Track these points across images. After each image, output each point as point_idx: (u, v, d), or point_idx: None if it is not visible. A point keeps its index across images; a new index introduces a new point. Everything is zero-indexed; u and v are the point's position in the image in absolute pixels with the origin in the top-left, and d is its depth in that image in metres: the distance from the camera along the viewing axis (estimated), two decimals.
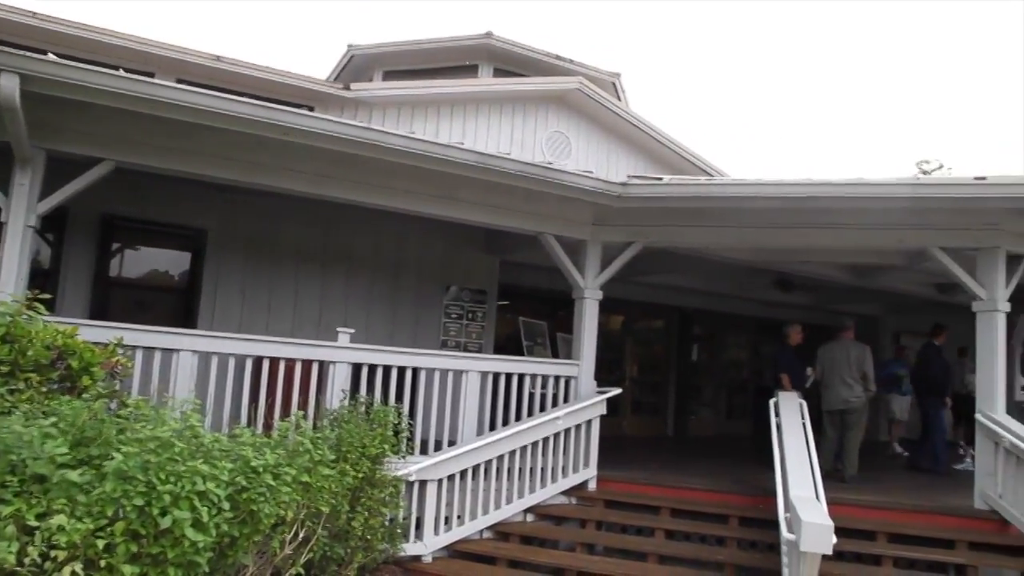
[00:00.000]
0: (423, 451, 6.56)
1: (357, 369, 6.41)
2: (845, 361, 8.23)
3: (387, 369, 6.50)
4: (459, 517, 6.56)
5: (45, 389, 4.06)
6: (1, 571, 2.94)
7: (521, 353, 10.29)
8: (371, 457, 5.23)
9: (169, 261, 8.30)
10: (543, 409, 7.34)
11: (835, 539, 4.65)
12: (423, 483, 6.25)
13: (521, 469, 6.98)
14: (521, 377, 7.29)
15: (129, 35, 9.22)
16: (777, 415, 7.18)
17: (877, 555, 6.23)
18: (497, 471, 6.81)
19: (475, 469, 6.66)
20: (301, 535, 4.33)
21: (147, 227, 7.97)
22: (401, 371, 6.58)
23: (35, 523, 3.08)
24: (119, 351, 4.79)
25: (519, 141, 11.10)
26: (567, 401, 7.49)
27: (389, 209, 6.98)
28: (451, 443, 6.78)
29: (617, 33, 57.95)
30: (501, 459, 6.82)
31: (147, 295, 8.16)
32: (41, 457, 3.17)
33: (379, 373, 6.43)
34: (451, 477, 6.47)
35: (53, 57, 5.03)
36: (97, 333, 5.02)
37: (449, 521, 6.49)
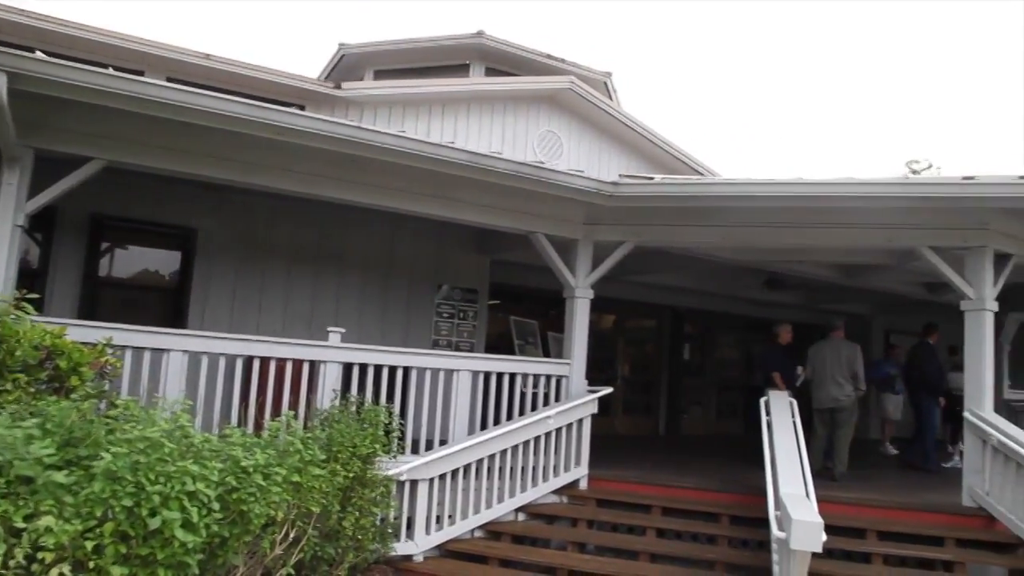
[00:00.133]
0: (414, 450, 6.55)
1: (348, 369, 6.39)
2: (835, 360, 8.26)
3: (378, 368, 6.49)
4: (450, 516, 6.56)
5: (33, 389, 4.04)
6: None
7: (512, 352, 10.30)
8: (362, 457, 5.23)
9: (159, 261, 8.26)
10: (534, 408, 7.34)
11: (825, 537, 4.66)
12: (414, 482, 6.24)
13: (512, 468, 6.98)
14: (512, 376, 7.29)
15: (119, 33, 9.17)
16: (768, 414, 7.21)
17: (867, 552, 6.26)
18: (488, 470, 6.81)
19: (466, 468, 6.66)
20: (292, 535, 4.32)
21: (137, 226, 7.93)
22: (392, 370, 6.57)
23: (22, 525, 3.06)
24: (108, 351, 4.77)
25: (511, 140, 11.10)
26: (558, 400, 7.50)
27: (380, 208, 6.98)
28: (442, 442, 6.77)
29: (609, 33, 58.04)
30: (492, 458, 6.83)
31: (137, 295, 8.12)
32: (27, 458, 3.15)
33: (370, 372, 6.43)
34: (442, 476, 6.47)
35: (41, 55, 4.99)
36: (86, 333, 5.00)
37: (440, 520, 6.49)
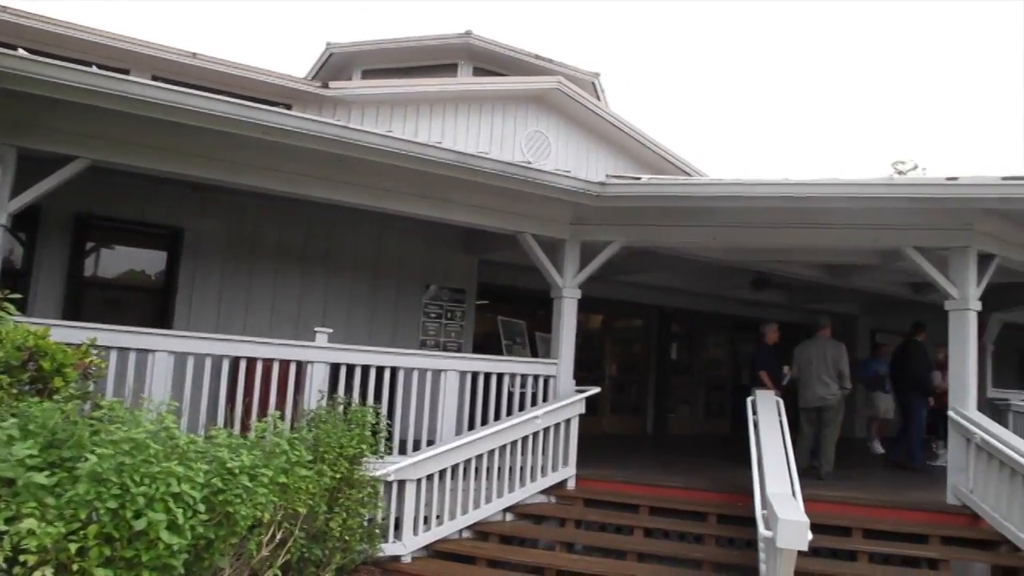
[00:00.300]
0: (402, 451, 6.54)
1: (336, 369, 6.37)
2: (822, 359, 8.30)
3: (365, 369, 6.47)
4: (438, 517, 6.55)
5: (15, 391, 3.99)
6: None
7: (500, 352, 10.29)
8: (349, 457, 5.21)
9: (145, 260, 8.20)
10: (522, 408, 7.34)
11: (811, 535, 4.68)
12: (402, 483, 6.23)
13: (500, 468, 6.98)
14: (500, 376, 7.29)
15: (104, 31, 9.10)
16: (754, 413, 7.24)
17: (852, 550, 6.31)
18: (476, 470, 6.81)
19: (454, 468, 6.65)
20: (278, 536, 4.30)
21: (122, 226, 7.87)
22: (380, 371, 6.55)
23: (3, 527, 3.03)
24: (93, 352, 4.72)
25: (498, 140, 11.10)
26: (546, 400, 7.51)
27: (368, 208, 6.96)
28: (430, 443, 6.76)
29: (597, 33, 58.14)
30: (480, 458, 6.82)
31: (122, 295, 8.05)
32: (8, 460, 3.12)
33: (357, 373, 6.41)
34: (430, 477, 6.45)
35: (23, 52, 4.94)
36: (70, 334, 4.95)
37: (428, 521, 6.48)
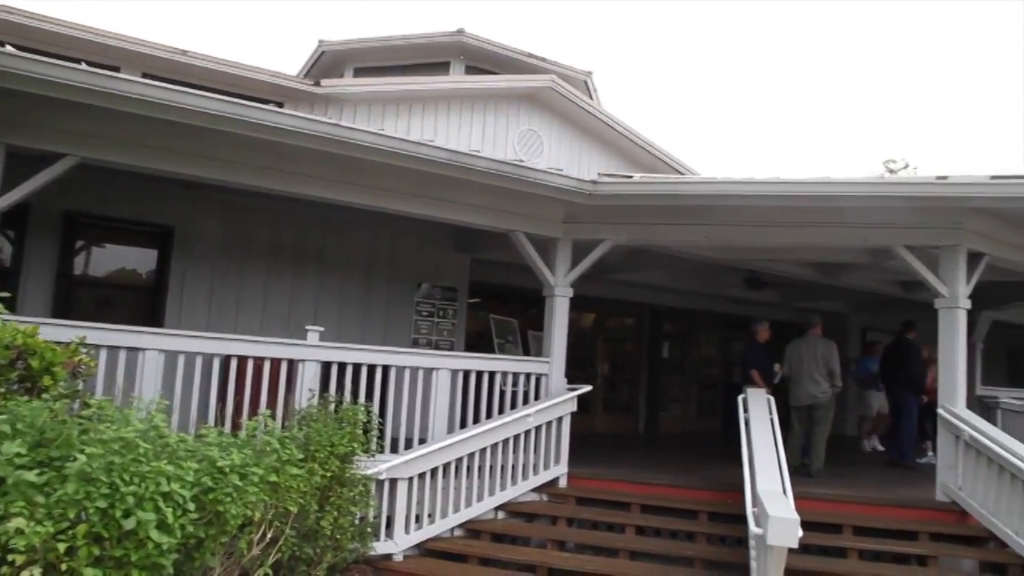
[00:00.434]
0: (394, 449, 6.54)
1: (327, 367, 6.36)
2: (812, 357, 8.33)
3: (357, 367, 6.46)
4: (430, 515, 6.54)
5: (3, 390, 3.97)
6: None
7: (492, 351, 10.29)
8: (340, 456, 5.19)
9: (135, 259, 8.17)
10: (514, 406, 7.35)
11: (801, 533, 4.71)
12: (393, 481, 6.22)
13: (492, 466, 6.98)
14: (492, 375, 7.29)
15: (94, 28, 9.06)
16: (745, 411, 7.25)
17: (843, 547, 6.33)
18: (468, 469, 6.81)
19: (446, 467, 6.65)
20: (269, 535, 4.28)
21: (112, 224, 7.83)
22: (371, 369, 6.55)
23: None
24: (82, 350, 4.69)
25: (491, 139, 11.09)
26: (538, 398, 7.51)
27: (359, 207, 6.94)
28: (422, 441, 6.76)
29: (589, 32, 58.17)
30: (472, 456, 6.82)
31: (113, 293, 8.02)
32: None
33: (349, 371, 6.40)
34: (422, 475, 6.45)
35: (11, 49, 4.92)
36: (59, 332, 4.92)
37: (420, 519, 6.47)
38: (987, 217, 7.07)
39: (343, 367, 6.40)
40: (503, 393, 7.35)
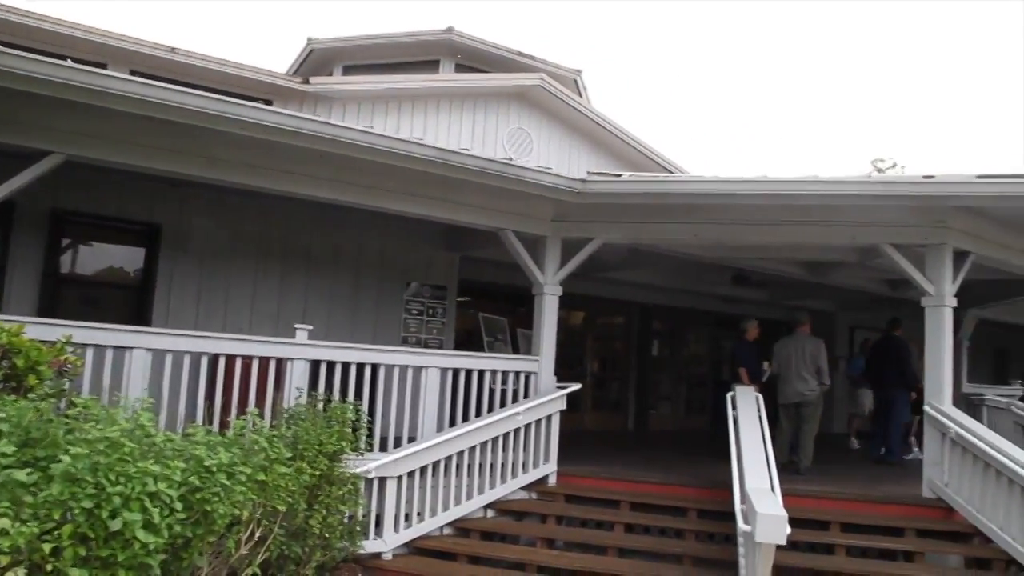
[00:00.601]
0: (383, 448, 6.53)
1: (316, 366, 6.34)
2: (800, 355, 8.38)
3: (346, 366, 6.45)
4: (419, 514, 6.54)
5: None
6: None
7: (481, 349, 10.29)
8: (329, 455, 5.19)
9: (123, 257, 8.11)
10: (503, 405, 7.35)
11: (789, 529, 4.72)
12: (382, 480, 6.22)
13: (481, 465, 6.99)
14: (481, 373, 7.29)
15: (81, 25, 8.99)
16: (734, 409, 7.28)
17: (830, 544, 6.37)
18: (457, 467, 6.81)
19: (435, 465, 6.64)
20: (257, 534, 4.28)
21: (99, 222, 7.77)
22: (360, 368, 6.53)
23: None
24: (68, 349, 4.67)
25: (480, 137, 11.09)
26: (527, 397, 7.52)
27: (348, 205, 6.93)
28: (411, 439, 6.75)
29: (579, 31, 58.20)
30: (461, 455, 6.82)
31: (99, 292, 7.97)
32: None
33: (338, 370, 6.39)
34: (411, 474, 6.45)
35: None
36: (45, 331, 4.89)
37: (409, 518, 6.47)
38: (973, 216, 7.13)
39: (332, 366, 6.39)
40: (492, 391, 7.35)
